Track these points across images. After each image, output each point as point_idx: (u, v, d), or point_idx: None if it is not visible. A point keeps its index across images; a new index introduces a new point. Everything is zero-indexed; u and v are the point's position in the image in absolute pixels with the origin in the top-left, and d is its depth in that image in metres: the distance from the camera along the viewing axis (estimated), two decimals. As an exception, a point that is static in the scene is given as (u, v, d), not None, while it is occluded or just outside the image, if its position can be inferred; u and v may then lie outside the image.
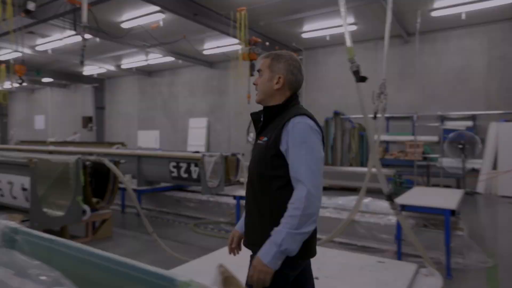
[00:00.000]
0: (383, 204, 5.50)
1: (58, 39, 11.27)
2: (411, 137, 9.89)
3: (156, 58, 13.60)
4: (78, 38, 10.70)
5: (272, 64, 1.72)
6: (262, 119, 1.74)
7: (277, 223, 1.52)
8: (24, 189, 4.30)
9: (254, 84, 1.79)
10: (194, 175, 6.04)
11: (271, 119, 1.70)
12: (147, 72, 16.53)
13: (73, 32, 9.69)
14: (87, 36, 5.45)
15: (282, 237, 1.47)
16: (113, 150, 8.84)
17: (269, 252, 1.49)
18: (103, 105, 18.69)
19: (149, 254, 4.57)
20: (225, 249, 1.86)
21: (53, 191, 4.81)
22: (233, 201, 5.62)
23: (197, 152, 6.96)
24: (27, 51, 8.66)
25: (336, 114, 11.84)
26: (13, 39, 6.97)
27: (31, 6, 5.35)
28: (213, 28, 9.05)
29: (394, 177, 8.56)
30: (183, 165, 6.09)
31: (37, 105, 21.88)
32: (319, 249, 3.41)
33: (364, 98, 2.94)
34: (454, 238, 4.05)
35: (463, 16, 8.79)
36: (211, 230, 5.79)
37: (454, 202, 3.98)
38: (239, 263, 1.74)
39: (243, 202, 4.89)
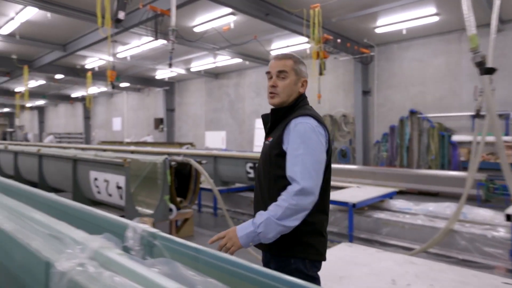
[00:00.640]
0: (484, 213, 4.92)
1: (136, 46, 12.06)
2: (506, 137, 8.78)
3: (224, 60, 13.89)
4: (154, 44, 11.45)
5: (297, 68, 1.71)
6: (270, 120, 1.75)
7: None
8: (118, 187, 4.56)
9: (273, 86, 1.70)
10: (271, 177, 5.96)
11: (279, 120, 1.70)
12: (214, 74, 17.00)
13: (150, 39, 10.28)
14: (171, 40, 5.65)
15: (261, 220, 1.50)
16: (190, 150, 9.16)
17: (246, 228, 1.54)
18: (173, 107, 19.66)
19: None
20: None
21: (142, 189, 5.05)
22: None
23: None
24: (110, 58, 9.39)
25: (412, 113, 11.03)
26: (109, 48, 7.57)
27: (121, 15, 5.71)
28: (284, 27, 8.93)
29: (486, 182, 7.67)
30: (260, 166, 6.05)
31: (115, 108, 23.76)
32: (424, 261, 3.09)
33: (491, 94, 2.55)
34: None
35: None
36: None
37: None
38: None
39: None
